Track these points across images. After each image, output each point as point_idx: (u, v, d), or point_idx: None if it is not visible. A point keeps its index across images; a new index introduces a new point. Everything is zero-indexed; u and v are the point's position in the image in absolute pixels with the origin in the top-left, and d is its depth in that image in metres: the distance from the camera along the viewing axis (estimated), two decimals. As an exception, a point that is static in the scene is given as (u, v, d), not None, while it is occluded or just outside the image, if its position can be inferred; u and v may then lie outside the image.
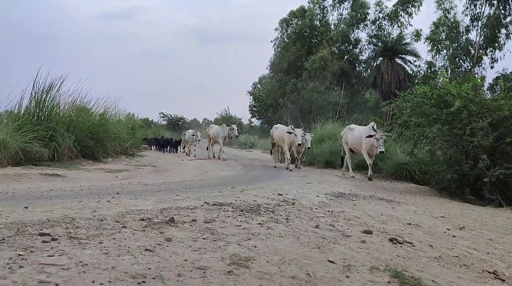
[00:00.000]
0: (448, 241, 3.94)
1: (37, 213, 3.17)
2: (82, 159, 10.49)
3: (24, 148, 8.73)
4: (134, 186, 6.51)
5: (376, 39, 31.60)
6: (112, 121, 14.02)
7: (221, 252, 2.41)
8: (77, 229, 2.60)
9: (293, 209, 4.37)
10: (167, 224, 2.99)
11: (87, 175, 8.16)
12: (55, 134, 10.12)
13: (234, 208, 3.93)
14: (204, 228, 2.98)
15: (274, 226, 3.33)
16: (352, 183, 8.98)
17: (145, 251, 2.27)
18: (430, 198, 7.57)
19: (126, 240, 2.44)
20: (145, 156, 15.54)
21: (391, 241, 3.43)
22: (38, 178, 7.15)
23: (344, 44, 32.14)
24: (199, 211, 3.63)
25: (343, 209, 4.90)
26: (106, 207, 3.61)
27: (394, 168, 10.54)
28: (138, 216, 3.18)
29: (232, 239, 2.75)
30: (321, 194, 6.00)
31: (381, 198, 6.56)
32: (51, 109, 11.03)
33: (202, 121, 62.26)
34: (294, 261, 2.44)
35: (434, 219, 5.18)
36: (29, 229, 2.52)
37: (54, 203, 3.82)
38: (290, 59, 31.95)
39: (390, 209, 5.57)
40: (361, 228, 3.83)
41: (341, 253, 2.79)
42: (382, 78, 29.43)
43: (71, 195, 4.90)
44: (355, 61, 32.68)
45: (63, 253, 2.10)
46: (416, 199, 7.25)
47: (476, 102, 7.97)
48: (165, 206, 3.75)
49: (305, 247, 2.81)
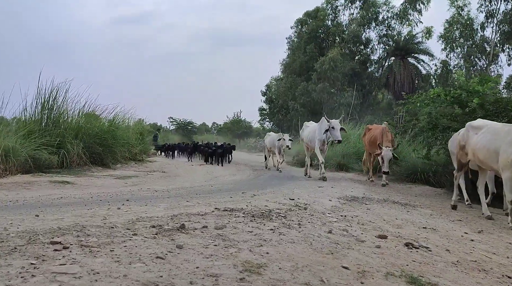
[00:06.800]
0: (466, 245, 3.91)
1: (48, 221, 3.21)
2: (91, 166, 10.59)
3: (33, 155, 8.82)
4: (144, 192, 6.57)
5: (387, 38, 31.49)
6: (121, 127, 14.13)
7: (233, 259, 2.43)
8: (88, 237, 2.63)
9: (305, 214, 4.37)
10: (178, 230, 3.01)
11: (96, 182, 8.25)
12: (63, 141, 10.24)
13: (245, 214, 3.94)
14: (215, 234, 3.00)
15: (286, 231, 3.34)
16: (365, 186, 8.94)
17: (156, 258, 2.29)
18: (447, 200, 7.49)
19: (137, 248, 2.47)
20: (154, 162, 15.64)
21: (406, 246, 3.41)
22: (48, 186, 7.25)
23: (356, 44, 32.06)
24: (209, 217, 3.65)
25: (356, 213, 4.89)
26: (116, 214, 3.65)
27: (408, 171, 10.46)
28: (148, 223, 3.20)
29: (244, 245, 2.77)
30: (333, 198, 5.99)
31: (396, 201, 6.53)
32: (59, 116, 11.18)
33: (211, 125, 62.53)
34: (307, 268, 2.44)
35: (451, 223, 5.14)
36: (40, 238, 2.56)
37: (65, 211, 3.88)
38: (303, 60, 31.95)
39: (405, 212, 5.54)
40: (376, 232, 3.81)
41: (355, 259, 2.78)
42: (395, 79, 29.28)
43: (81, 202, 4.96)
44: (366, 62, 32.58)
45: (74, 262, 2.13)
46: (432, 202, 7.20)
47: (493, 101, 7.89)
48: (176, 213, 3.77)
49: (318, 253, 2.81)
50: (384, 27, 31.64)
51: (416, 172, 10.18)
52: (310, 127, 11.33)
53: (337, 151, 13.74)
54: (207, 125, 61.87)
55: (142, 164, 13.78)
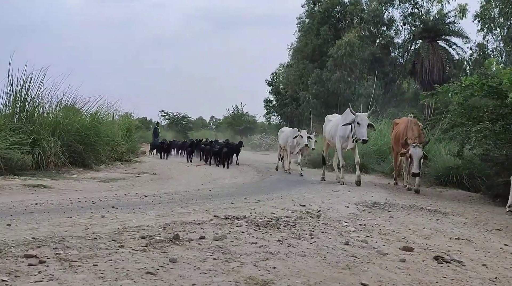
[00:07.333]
0: (506, 259, 3.90)
1: (22, 231, 3.23)
2: (70, 167, 10.64)
3: (3, 155, 8.85)
4: (132, 197, 6.59)
5: (413, 18, 31.31)
6: (105, 122, 14.15)
7: (234, 275, 2.43)
8: (68, 250, 2.65)
9: (318, 222, 4.37)
10: (171, 242, 3.03)
11: (77, 186, 8.29)
12: (39, 138, 10.28)
13: (248, 222, 3.95)
14: (214, 246, 3.01)
15: (296, 243, 3.34)
16: (387, 190, 8.94)
17: (146, 274, 2.31)
18: (483, 207, 7.48)
19: (124, 262, 2.48)
20: (144, 162, 15.69)
21: (436, 260, 3.41)
22: (21, 190, 7.29)
23: (377, 25, 31.89)
24: (207, 226, 3.66)
25: (377, 221, 4.88)
26: (100, 223, 3.67)
27: (438, 172, 10.41)
28: (137, 233, 3.22)
29: (247, 259, 2.77)
30: (351, 204, 5.99)
31: (423, 208, 6.52)
32: (33, 110, 11.21)
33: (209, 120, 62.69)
34: (320, 285, 2.45)
35: (488, 233, 5.12)
36: (13, 250, 2.58)
37: (41, 219, 3.90)
38: (315, 44, 31.79)
39: (435, 221, 5.53)
40: (400, 244, 3.81)
41: (376, 275, 2.78)
42: (422, 65, 29.16)
43: (59, 209, 4.98)
44: (389, 46, 32.40)
45: (52, 278, 2.15)
46: (466, 208, 7.18)
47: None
48: (168, 221, 3.79)
49: (333, 268, 2.81)
50: (410, 5, 31.41)
51: (447, 174, 10.14)
52: (333, 121, 10.98)
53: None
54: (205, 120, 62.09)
55: (129, 165, 13.83)
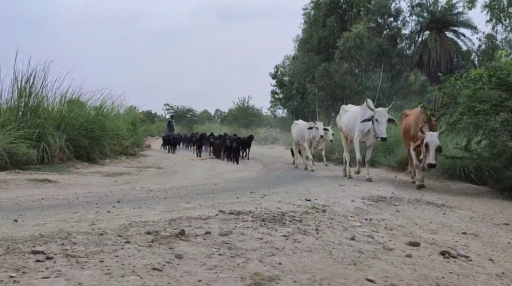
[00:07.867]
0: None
1: (29, 227, 3.27)
2: (75, 161, 10.70)
3: (9, 149, 8.90)
4: (137, 192, 6.64)
5: (421, 9, 31.08)
6: (110, 116, 14.19)
7: (240, 271, 2.46)
8: (74, 246, 2.68)
9: (324, 217, 4.39)
10: (176, 237, 3.05)
11: (82, 180, 8.34)
12: (44, 132, 10.33)
13: (254, 218, 3.97)
14: (219, 241, 3.03)
15: (301, 238, 3.36)
16: (394, 184, 8.93)
17: (153, 270, 2.33)
18: (490, 200, 7.45)
19: (131, 258, 2.51)
20: (149, 156, 15.74)
21: (442, 255, 3.41)
22: (26, 185, 7.35)
23: (383, 16, 31.69)
24: (213, 222, 3.69)
25: (383, 216, 4.89)
26: (106, 218, 3.70)
27: (445, 165, 10.36)
28: (143, 229, 3.25)
29: (253, 254, 2.80)
30: (357, 198, 5.99)
31: (430, 202, 6.51)
32: (38, 104, 11.25)
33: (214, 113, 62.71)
34: (326, 280, 2.46)
35: (495, 227, 5.11)
36: (20, 246, 2.61)
37: (47, 215, 3.94)
38: (322, 35, 31.66)
39: (441, 215, 5.52)
40: (406, 239, 3.82)
41: (382, 270, 2.79)
42: (430, 56, 28.98)
43: (65, 204, 5.03)
44: (396, 37, 32.22)
45: (59, 274, 2.18)
46: (473, 202, 7.16)
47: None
48: (174, 216, 3.82)
49: (339, 264, 2.83)
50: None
51: (454, 167, 10.10)
52: (350, 112, 10.48)
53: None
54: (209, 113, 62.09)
55: (134, 159, 13.89)
